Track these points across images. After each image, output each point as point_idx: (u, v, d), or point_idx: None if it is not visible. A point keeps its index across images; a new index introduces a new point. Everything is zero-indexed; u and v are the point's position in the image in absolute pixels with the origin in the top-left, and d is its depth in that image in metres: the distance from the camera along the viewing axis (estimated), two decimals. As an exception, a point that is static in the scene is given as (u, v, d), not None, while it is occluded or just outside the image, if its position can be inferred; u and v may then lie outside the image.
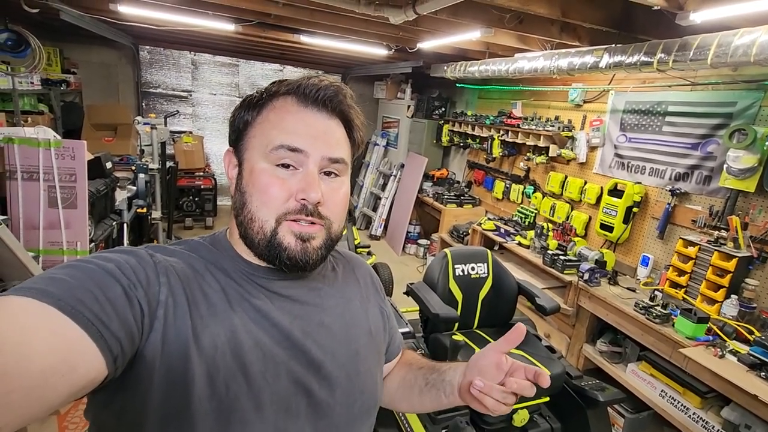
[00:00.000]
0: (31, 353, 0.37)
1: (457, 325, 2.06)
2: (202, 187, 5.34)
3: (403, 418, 1.76)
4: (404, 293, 2.16)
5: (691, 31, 1.93)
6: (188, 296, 0.52)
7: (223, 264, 0.59)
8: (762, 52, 1.62)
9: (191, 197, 5.33)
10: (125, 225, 3.49)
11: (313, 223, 0.57)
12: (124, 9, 3.08)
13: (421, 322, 2.16)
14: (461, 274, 2.09)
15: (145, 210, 3.78)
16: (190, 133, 5.74)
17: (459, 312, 2.03)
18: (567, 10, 2.06)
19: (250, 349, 0.54)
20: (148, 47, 5.48)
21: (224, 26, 3.38)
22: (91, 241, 2.85)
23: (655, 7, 1.70)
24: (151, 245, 0.58)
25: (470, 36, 2.62)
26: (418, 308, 2.34)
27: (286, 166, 0.57)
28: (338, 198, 0.60)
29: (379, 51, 3.96)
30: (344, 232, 3.65)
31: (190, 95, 5.93)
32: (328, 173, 0.59)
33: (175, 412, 0.48)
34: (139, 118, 4.22)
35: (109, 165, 3.37)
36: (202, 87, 5.97)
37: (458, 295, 2.08)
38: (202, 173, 5.42)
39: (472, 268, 2.13)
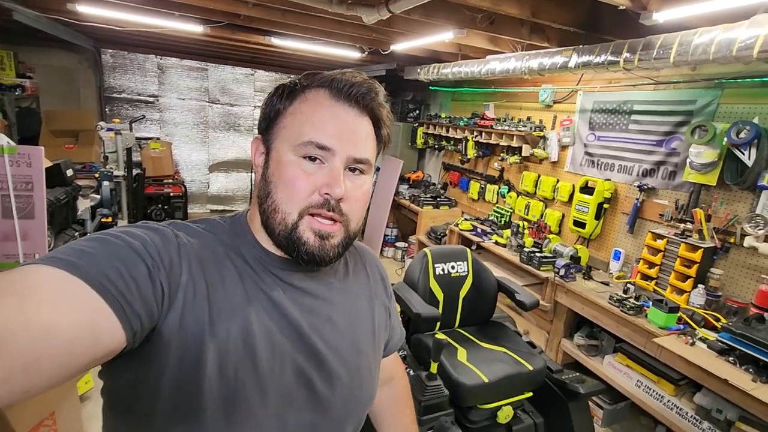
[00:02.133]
0: (59, 324, 0.39)
1: (438, 324, 2.05)
2: (171, 194, 5.16)
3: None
4: (385, 294, 2.13)
5: (654, 31, 2.01)
6: (207, 281, 0.54)
7: (242, 250, 0.60)
8: (720, 50, 1.69)
9: (160, 205, 5.14)
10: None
11: (333, 220, 0.58)
12: (83, 9, 2.95)
13: (403, 323, 2.13)
14: (441, 273, 2.09)
15: (110, 219, 3.60)
16: (158, 139, 5.55)
17: (440, 311, 2.02)
18: (536, 11, 2.10)
19: (260, 338, 0.55)
20: (111, 50, 5.27)
21: (192, 28, 3.28)
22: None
23: (621, 7, 1.75)
24: (174, 222, 0.59)
25: (443, 37, 2.64)
26: (399, 309, 2.33)
27: (313, 159, 0.57)
28: (360, 194, 0.61)
29: (352, 53, 3.95)
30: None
31: (157, 100, 5.73)
32: (352, 170, 0.60)
33: (187, 392, 0.50)
34: (102, 123, 4.03)
35: (70, 172, 3.20)
36: (170, 92, 5.78)
37: (439, 294, 2.07)
38: (171, 180, 5.23)
39: (452, 267, 2.13)
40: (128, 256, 0.47)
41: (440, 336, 1.56)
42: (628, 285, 2.57)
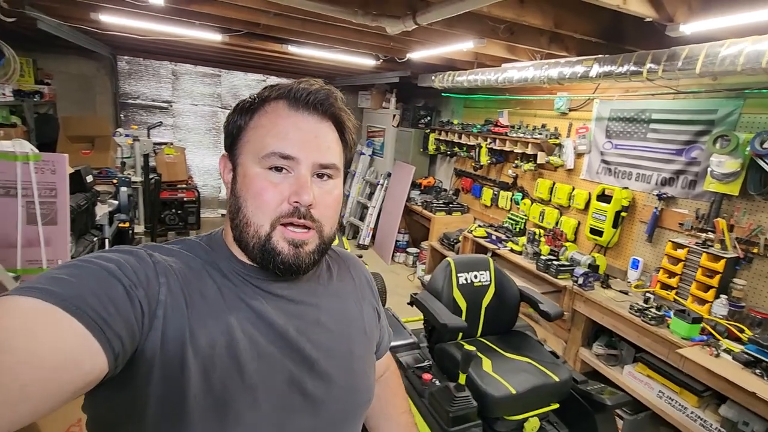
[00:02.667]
0: (39, 353, 0.38)
1: (461, 334, 2.05)
2: (185, 199, 5.19)
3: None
4: (408, 303, 2.14)
5: (677, 42, 2.01)
6: (186, 296, 0.53)
7: (220, 264, 0.60)
8: (748, 62, 1.69)
9: (174, 210, 5.17)
10: (107, 240, 3.35)
11: (305, 227, 0.59)
12: (105, 18, 2.99)
13: (425, 332, 2.14)
14: (464, 282, 2.09)
15: (127, 224, 3.64)
16: (172, 144, 5.59)
17: (463, 320, 2.02)
18: (560, 22, 2.11)
19: (245, 348, 0.55)
20: (126, 57, 5.34)
21: (211, 36, 3.32)
22: (72, 258, 2.72)
23: (647, 19, 1.76)
24: (148, 244, 0.59)
25: (462, 47, 2.66)
26: (418, 318, 2.33)
27: (279, 169, 0.58)
28: (330, 200, 0.61)
29: (368, 61, 3.97)
30: (336, 242, 3.60)
31: (171, 106, 5.79)
32: (320, 176, 0.60)
33: (172, 409, 0.49)
34: (120, 129, 4.08)
35: (89, 178, 3.24)
36: (183, 97, 5.84)
37: (462, 304, 2.08)
38: (184, 185, 5.27)
39: (475, 276, 2.13)
40: (104, 279, 0.47)
41: (468, 347, 1.56)
42: (648, 294, 2.56)
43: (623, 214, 3.02)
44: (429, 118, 5.48)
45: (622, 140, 3.09)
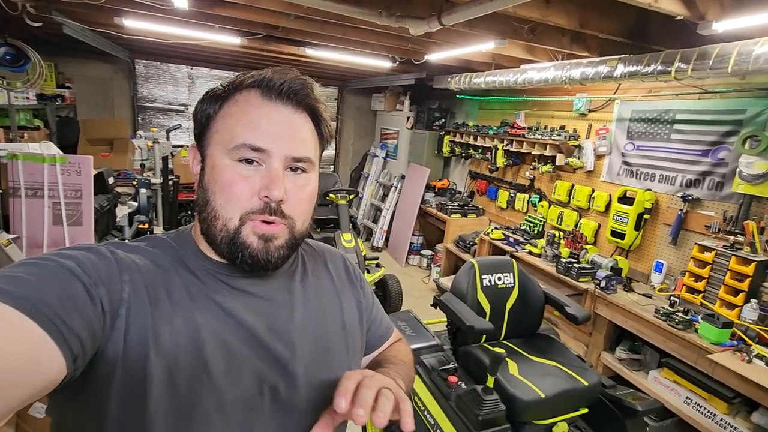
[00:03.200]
0: None
1: (484, 336, 2.03)
2: (200, 201, 5.25)
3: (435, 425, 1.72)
4: (431, 305, 2.12)
5: (705, 41, 1.97)
6: (150, 294, 0.51)
7: (187, 261, 0.57)
8: (784, 61, 1.66)
9: (190, 212, 5.22)
10: (127, 242, 3.39)
11: (275, 223, 0.56)
12: (128, 23, 3.04)
13: (448, 334, 2.12)
14: (488, 284, 2.07)
15: (146, 225, 3.68)
16: (188, 147, 5.65)
17: (487, 323, 2.00)
18: (584, 22, 2.09)
19: (212, 347, 0.52)
20: (144, 61, 5.42)
21: (230, 40, 3.35)
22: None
23: (678, 17, 1.73)
24: (112, 242, 0.56)
25: (483, 47, 2.65)
26: (438, 320, 2.31)
27: (250, 161, 0.55)
28: (303, 195, 0.59)
29: (384, 63, 3.98)
30: (352, 245, 3.60)
31: (187, 109, 5.85)
32: (294, 169, 0.58)
33: (133, 412, 0.47)
34: (140, 132, 4.13)
35: (111, 180, 3.29)
36: (199, 101, 5.91)
37: (486, 306, 2.05)
38: (200, 187, 5.32)
39: (499, 279, 2.10)
40: (62, 277, 0.44)
41: (497, 350, 1.54)
42: (674, 298, 2.51)
43: (646, 216, 2.97)
44: (443, 120, 5.47)
45: (644, 141, 3.04)
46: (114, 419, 0.47)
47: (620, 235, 3.07)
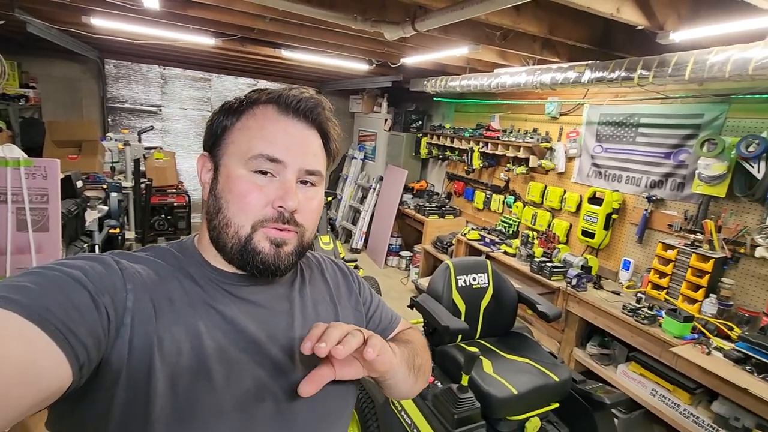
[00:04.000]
0: None
1: (460, 336, 2.07)
2: (175, 204, 5.14)
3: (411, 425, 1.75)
4: (408, 306, 2.15)
5: (666, 50, 2.08)
6: (154, 303, 0.52)
7: (190, 270, 0.59)
8: (736, 69, 1.76)
9: (164, 215, 5.11)
10: (97, 247, 3.30)
11: (287, 230, 0.58)
12: (96, 22, 2.95)
13: (424, 334, 2.15)
14: (463, 285, 2.11)
15: (118, 230, 3.58)
16: (161, 149, 5.53)
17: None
18: (553, 29, 2.16)
19: (214, 354, 0.54)
20: (114, 61, 5.26)
21: (204, 41, 3.30)
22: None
23: (639, 27, 1.82)
24: (115, 251, 0.57)
25: (457, 52, 2.70)
26: (418, 320, 2.34)
27: (264, 172, 0.57)
28: (313, 206, 0.62)
29: (361, 66, 3.99)
30: (330, 247, 3.60)
31: (160, 110, 5.72)
32: (304, 182, 0.61)
33: (136, 420, 0.48)
34: (110, 134, 4.02)
35: (79, 184, 3.19)
36: (172, 102, 5.78)
37: (461, 306, 2.10)
38: (174, 190, 5.21)
39: (474, 279, 2.15)
40: (68, 286, 0.45)
41: (471, 348, 1.58)
42: (640, 294, 2.62)
43: (614, 216, 3.09)
44: (420, 122, 5.53)
45: (611, 144, 3.16)
46: (116, 427, 0.47)
47: (590, 235, 3.18)
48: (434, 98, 5.03)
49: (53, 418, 0.51)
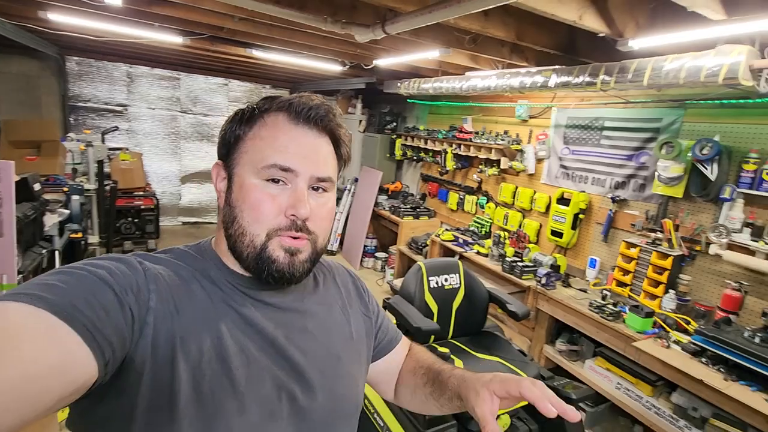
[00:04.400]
0: (26, 357, 0.38)
1: (433, 336, 2.09)
2: (142, 207, 4.97)
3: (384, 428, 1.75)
4: (383, 308, 2.15)
5: (627, 56, 2.17)
6: (176, 303, 0.54)
7: (209, 272, 0.61)
8: (689, 76, 1.85)
9: (130, 219, 4.93)
10: (57, 253, 3.15)
11: (300, 238, 0.60)
12: (55, 17, 2.83)
13: (398, 336, 2.16)
14: (436, 285, 2.13)
15: (80, 235, 3.44)
16: (127, 149, 5.34)
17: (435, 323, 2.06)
18: (521, 34, 2.22)
19: (235, 354, 0.55)
20: (76, 58, 5.05)
21: (171, 39, 3.21)
22: (18, 272, 2.54)
23: (600, 34, 1.88)
24: (138, 253, 0.59)
25: (428, 55, 2.73)
26: (392, 322, 2.35)
27: (276, 181, 0.59)
28: (324, 212, 0.63)
29: (334, 67, 3.98)
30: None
31: (126, 110, 5.53)
32: (315, 188, 0.62)
33: (161, 417, 0.49)
34: (72, 134, 3.85)
35: (37, 186, 3.04)
36: (139, 101, 5.60)
37: (434, 307, 2.12)
38: (142, 193, 5.04)
39: (446, 280, 2.18)
40: (94, 285, 0.47)
41: (442, 349, 1.60)
42: (605, 292, 2.71)
43: (581, 216, 3.19)
44: (395, 123, 5.55)
45: (578, 146, 3.27)
46: (141, 423, 0.49)
47: (559, 234, 3.27)
48: (408, 100, 5.06)
49: (75, 416, 0.51)
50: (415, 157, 5.12)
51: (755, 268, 2.20)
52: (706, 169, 2.37)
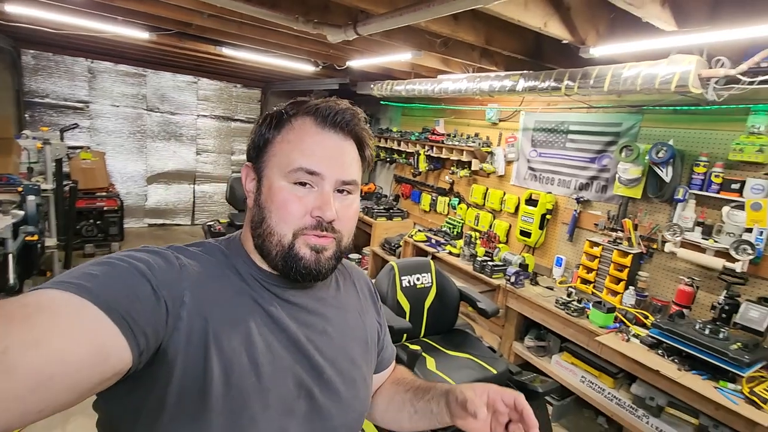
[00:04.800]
0: (70, 344, 0.41)
1: (405, 335, 2.11)
2: (105, 208, 4.76)
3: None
4: (353, 308, 2.16)
5: (589, 63, 2.27)
6: (208, 299, 0.56)
7: (239, 269, 0.63)
8: (645, 83, 1.96)
9: (92, 221, 4.72)
10: (11, 256, 2.98)
11: (326, 236, 0.62)
12: (11, 9, 2.68)
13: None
14: (408, 285, 2.16)
15: (36, 237, 3.26)
16: (89, 148, 5.11)
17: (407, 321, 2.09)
18: (490, 39, 2.28)
19: (262, 351, 0.58)
20: (32, 51, 4.80)
21: (136, 34, 3.11)
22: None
23: (564, 41, 1.97)
24: (173, 246, 0.62)
25: (401, 57, 2.76)
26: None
27: (303, 184, 0.61)
28: (350, 213, 0.65)
29: (307, 67, 3.96)
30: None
31: (87, 107, 5.29)
32: (341, 191, 0.64)
33: (192, 408, 0.51)
34: (27, 132, 3.65)
35: (-12, 187, 2.87)
36: (102, 98, 5.37)
37: (406, 306, 2.14)
38: (104, 193, 4.83)
39: (417, 279, 2.21)
40: (133, 277, 0.49)
41: (414, 346, 1.62)
42: (570, 289, 2.82)
43: (548, 216, 3.30)
44: (368, 125, 5.55)
45: (545, 149, 3.38)
46: (169, 416, 0.50)
47: (527, 234, 3.37)
48: (381, 102, 5.09)
49: (106, 397, 0.51)
50: (388, 159, 5.15)
51: (705, 265, 2.35)
52: (661, 171, 2.51)
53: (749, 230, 2.16)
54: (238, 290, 0.61)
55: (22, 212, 3.24)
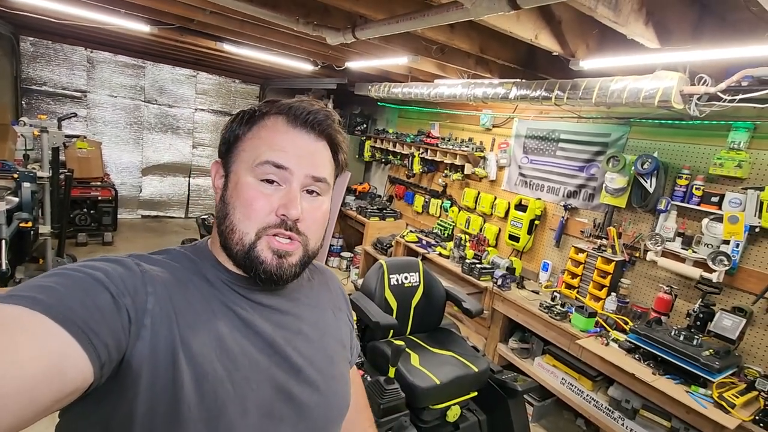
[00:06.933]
0: (22, 359, 0.38)
1: (392, 332, 2.17)
2: (99, 198, 4.78)
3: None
4: (342, 304, 2.21)
5: (580, 75, 2.34)
6: (174, 305, 0.54)
7: (206, 274, 0.61)
8: (630, 97, 2.04)
9: (86, 210, 4.73)
10: (3, 242, 3.00)
11: (290, 239, 0.60)
12: (13, -4, 2.71)
13: (357, 331, 2.22)
14: (396, 283, 2.22)
15: (29, 224, 3.28)
16: (85, 138, 5.11)
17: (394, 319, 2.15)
18: (484, 48, 2.35)
19: (235, 356, 0.56)
20: (32, 39, 4.80)
21: (138, 27, 3.14)
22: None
23: (555, 53, 2.04)
24: (135, 254, 0.59)
25: (398, 61, 2.82)
26: (355, 318, 2.42)
27: (271, 182, 0.60)
28: (317, 215, 0.63)
29: (306, 66, 4.01)
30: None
31: (85, 96, 5.30)
32: (310, 191, 0.62)
33: (164, 419, 0.49)
34: (24, 119, 3.66)
35: (-17, 172, 2.89)
36: (100, 88, 5.38)
37: (393, 303, 2.20)
38: (99, 183, 4.85)
39: (406, 278, 2.27)
40: (91, 286, 0.47)
41: (399, 342, 1.68)
42: (555, 293, 2.90)
43: (536, 222, 3.38)
44: (365, 125, 5.63)
45: (536, 156, 3.46)
46: (142, 427, 0.48)
47: (516, 239, 3.45)
48: (379, 103, 5.15)
49: (67, 420, 0.50)
50: (383, 160, 5.21)
51: (684, 274, 2.44)
52: (646, 182, 2.59)
53: (726, 242, 2.24)
54: (207, 295, 0.58)
55: (16, 199, 3.25)
